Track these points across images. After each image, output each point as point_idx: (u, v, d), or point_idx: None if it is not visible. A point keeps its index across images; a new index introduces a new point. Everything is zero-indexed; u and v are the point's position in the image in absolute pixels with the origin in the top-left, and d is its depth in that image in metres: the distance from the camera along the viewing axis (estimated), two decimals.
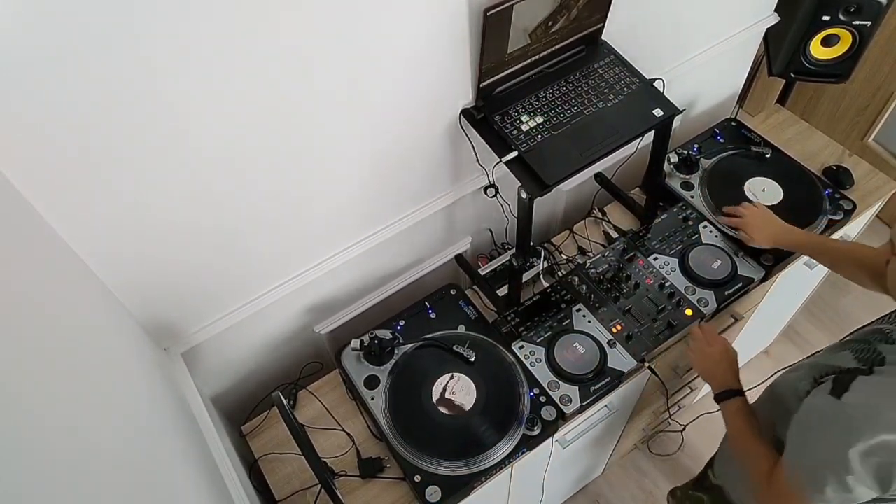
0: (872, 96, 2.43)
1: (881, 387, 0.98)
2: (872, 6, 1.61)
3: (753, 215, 1.49)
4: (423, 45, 1.11)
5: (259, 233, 1.20)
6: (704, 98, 1.94)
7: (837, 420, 0.98)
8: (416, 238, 1.51)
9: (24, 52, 0.75)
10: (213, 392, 1.46)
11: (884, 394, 0.97)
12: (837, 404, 0.99)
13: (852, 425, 0.96)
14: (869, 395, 0.97)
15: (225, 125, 0.98)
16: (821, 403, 1.02)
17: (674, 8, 1.50)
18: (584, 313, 1.43)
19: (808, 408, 1.05)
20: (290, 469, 1.34)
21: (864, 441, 0.95)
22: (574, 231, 1.67)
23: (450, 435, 1.27)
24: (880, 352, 1.03)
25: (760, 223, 1.47)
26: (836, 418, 0.99)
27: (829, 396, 1.01)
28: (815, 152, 1.82)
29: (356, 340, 1.36)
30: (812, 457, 1.02)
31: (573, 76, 1.31)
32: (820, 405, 1.02)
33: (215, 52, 0.89)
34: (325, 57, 1.01)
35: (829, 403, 1.01)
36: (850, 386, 0.99)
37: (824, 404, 1.01)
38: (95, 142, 0.88)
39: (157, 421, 0.97)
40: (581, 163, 1.21)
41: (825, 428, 1.00)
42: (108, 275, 1.05)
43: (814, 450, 1.02)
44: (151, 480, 0.82)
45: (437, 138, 1.30)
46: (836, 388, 1.01)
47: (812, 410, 1.04)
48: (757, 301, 1.69)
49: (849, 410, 0.97)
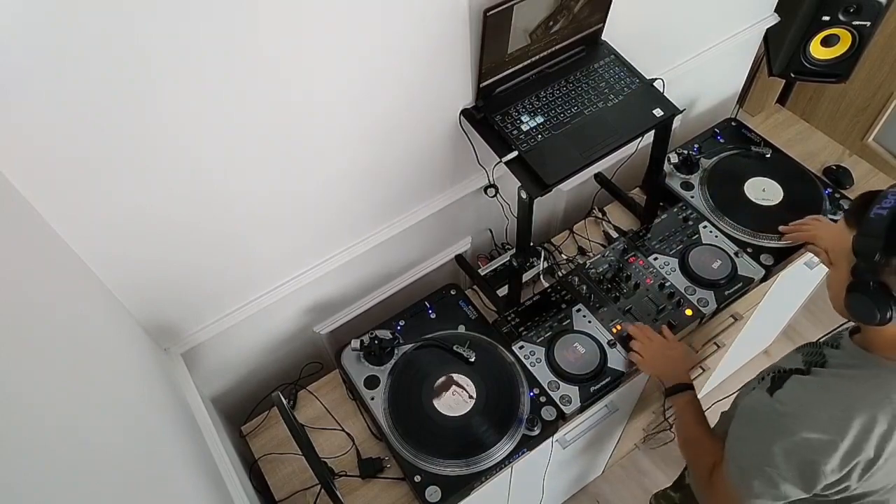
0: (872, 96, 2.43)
1: (812, 386, 0.99)
2: (872, 6, 1.61)
3: (820, 227, 1.45)
4: (424, 45, 1.11)
5: (259, 233, 1.20)
6: (704, 98, 1.94)
7: (766, 416, 1.00)
8: (416, 238, 1.51)
9: (25, 52, 0.75)
10: (213, 392, 1.46)
11: (813, 393, 0.98)
12: (769, 401, 1.01)
13: (778, 421, 0.98)
14: (798, 393, 0.99)
15: (225, 125, 0.98)
16: (755, 399, 1.04)
17: (673, 8, 1.50)
18: (584, 313, 1.43)
19: (744, 404, 1.07)
20: (290, 469, 1.34)
21: (787, 437, 0.96)
22: (574, 231, 1.67)
23: (450, 435, 1.27)
24: (825, 355, 1.05)
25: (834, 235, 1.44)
26: (765, 414, 1.00)
27: (764, 393, 1.03)
28: (815, 152, 1.82)
29: (356, 340, 1.36)
30: (742, 452, 1.04)
31: (573, 76, 1.31)
32: (754, 401, 1.04)
33: (214, 53, 0.89)
34: (325, 57, 1.01)
35: (762, 399, 1.02)
36: (784, 384, 1.01)
37: (758, 400, 1.03)
38: (95, 142, 0.88)
39: (156, 421, 0.97)
40: (581, 163, 1.21)
41: (755, 423, 1.02)
42: (108, 275, 1.05)
43: (744, 445, 1.03)
44: (151, 481, 0.82)
45: (437, 138, 1.30)
46: (772, 385, 1.03)
47: (746, 406, 1.05)
48: (757, 301, 1.69)
49: (777, 406, 0.99)
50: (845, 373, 0.99)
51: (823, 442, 0.95)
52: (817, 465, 0.96)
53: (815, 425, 0.95)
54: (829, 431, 0.95)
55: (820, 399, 0.97)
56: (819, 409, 0.96)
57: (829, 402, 0.97)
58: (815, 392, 0.98)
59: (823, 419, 0.95)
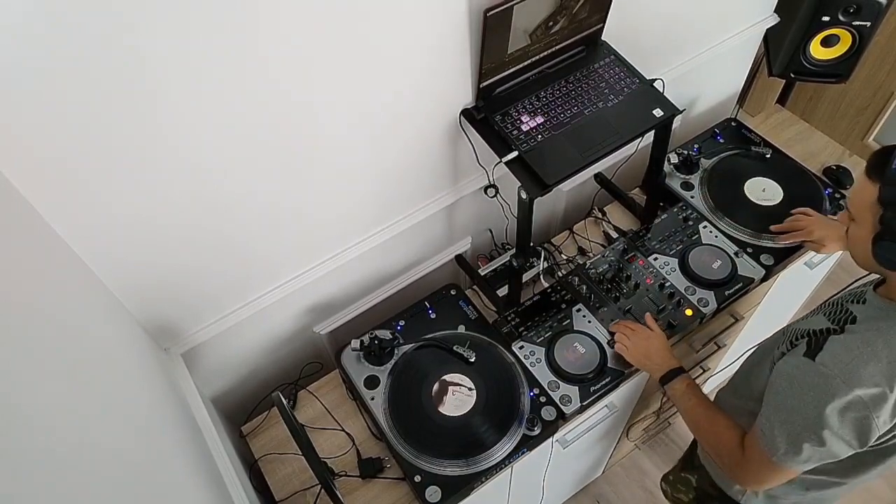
0: (872, 96, 2.43)
1: (852, 344, 1.00)
2: (872, 6, 1.61)
3: (814, 223, 1.47)
4: (424, 45, 1.11)
5: (259, 234, 1.20)
6: (704, 98, 1.94)
7: (813, 380, 1.00)
8: (416, 238, 1.51)
9: (26, 52, 0.75)
10: (213, 392, 1.46)
11: (855, 351, 0.99)
12: (812, 365, 1.01)
13: (828, 384, 0.99)
14: (842, 353, 1.00)
15: (224, 127, 0.98)
16: (795, 364, 1.04)
17: (674, 8, 1.50)
18: (584, 313, 1.43)
19: (781, 370, 1.06)
20: (290, 469, 1.34)
21: (840, 398, 0.98)
22: (574, 231, 1.67)
23: (450, 435, 1.27)
24: (851, 311, 1.06)
25: (828, 229, 1.45)
26: (812, 378, 1.01)
27: (804, 358, 1.03)
28: (815, 152, 1.82)
29: (356, 340, 1.36)
30: (789, 418, 1.04)
31: (573, 76, 1.31)
32: (794, 366, 1.04)
33: (214, 57, 0.89)
34: (325, 58, 1.01)
35: (803, 364, 1.03)
36: (824, 346, 1.02)
37: (798, 365, 1.03)
38: (96, 143, 0.88)
39: (157, 421, 0.97)
40: (581, 163, 1.21)
41: (801, 388, 1.02)
42: (108, 275, 1.05)
43: (790, 411, 1.03)
44: (151, 480, 0.82)
45: (438, 138, 1.30)
46: (810, 349, 1.03)
47: (786, 373, 1.05)
48: (757, 301, 1.69)
49: (823, 370, 1.00)
50: (880, 325, 1.01)
51: (874, 396, 0.97)
52: (870, 419, 0.98)
53: (864, 381, 0.97)
54: (879, 384, 0.97)
55: (863, 354, 0.99)
56: (865, 365, 0.98)
57: (873, 355, 0.98)
58: (858, 348, 0.99)
59: (871, 373, 0.97)
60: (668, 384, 1.28)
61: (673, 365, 1.29)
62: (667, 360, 1.30)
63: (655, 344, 1.32)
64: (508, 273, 1.49)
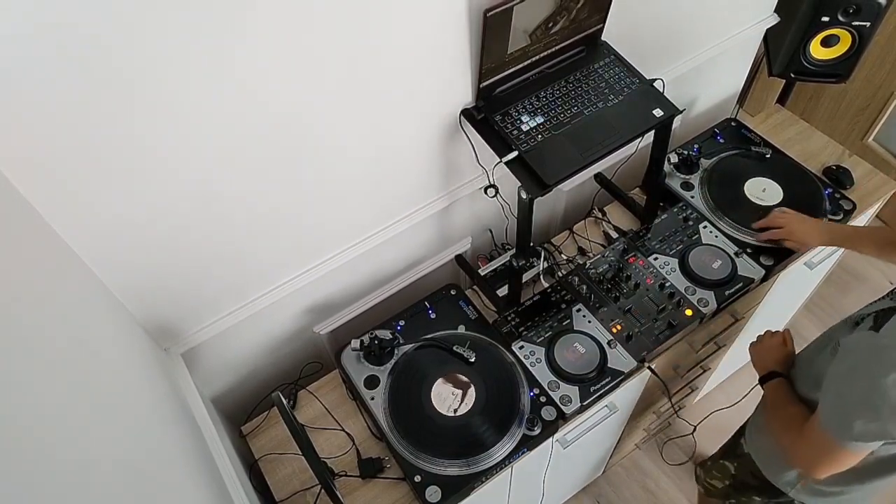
0: (872, 96, 2.43)
1: None
2: (872, 6, 1.61)
3: (791, 221, 1.47)
4: (424, 45, 1.11)
5: (259, 234, 1.20)
6: (704, 98, 1.94)
7: (871, 352, 0.99)
8: (416, 238, 1.51)
9: (26, 52, 0.75)
10: (213, 392, 1.46)
11: None
12: (874, 336, 1.00)
13: (888, 355, 0.96)
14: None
15: (225, 126, 0.98)
16: (856, 339, 1.03)
17: (674, 8, 1.50)
18: (584, 313, 1.43)
19: (844, 345, 1.05)
20: (290, 469, 1.34)
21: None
22: (574, 231, 1.67)
23: (450, 435, 1.27)
24: None
25: (804, 226, 1.46)
26: (871, 351, 0.99)
27: (868, 332, 1.02)
28: (815, 152, 1.82)
29: (356, 340, 1.36)
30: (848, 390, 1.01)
31: (573, 76, 1.31)
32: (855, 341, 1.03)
33: (215, 56, 0.89)
34: (325, 58, 1.01)
35: (865, 337, 1.02)
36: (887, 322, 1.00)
37: (860, 339, 1.02)
38: (96, 144, 0.88)
39: (156, 421, 0.97)
40: (581, 163, 1.21)
41: (860, 362, 1.00)
42: (107, 275, 1.05)
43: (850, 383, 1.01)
44: (151, 480, 0.82)
45: (437, 138, 1.30)
46: (875, 324, 1.02)
47: (847, 347, 1.04)
48: (757, 301, 1.69)
49: (884, 341, 0.97)
50: None
51: None
52: None
53: None
54: None
55: None
56: None
57: None
58: None
59: None
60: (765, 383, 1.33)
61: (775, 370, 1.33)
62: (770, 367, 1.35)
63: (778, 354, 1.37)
64: (508, 273, 1.49)
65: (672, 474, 2.25)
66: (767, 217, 1.52)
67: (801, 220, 1.48)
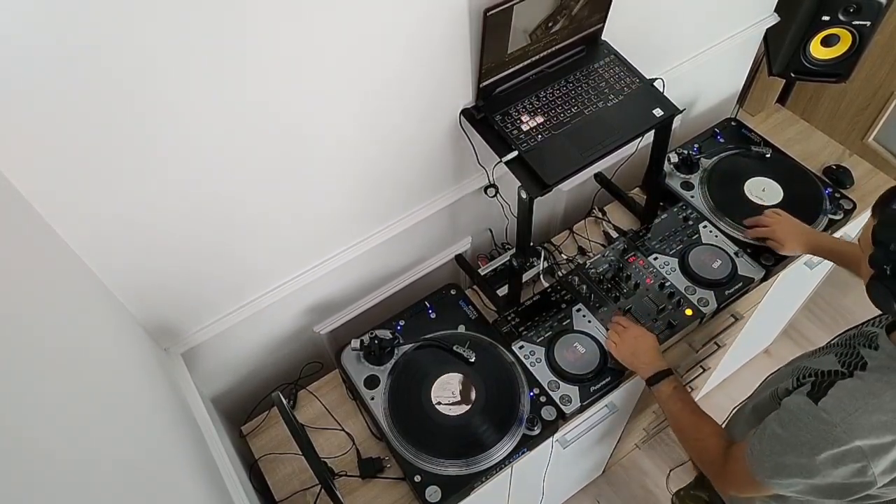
0: (872, 96, 2.43)
1: (858, 391, 0.98)
2: (872, 6, 1.61)
3: (780, 223, 1.48)
4: (424, 45, 1.11)
5: (259, 234, 1.20)
6: (704, 98, 1.94)
7: (813, 424, 0.98)
8: (416, 238, 1.51)
9: (27, 52, 0.75)
10: (213, 392, 1.46)
11: (860, 400, 0.97)
12: (814, 409, 0.99)
13: (829, 431, 0.96)
14: (846, 401, 0.98)
15: (225, 126, 0.98)
16: (797, 404, 1.02)
17: (674, 8, 1.50)
18: (584, 313, 1.43)
19: (787, 405, 1.05)
20: (290, 469, 1.34)
21: (838, 447, 0.95)
22: (574, 231, 1.67)
23: (450, 435, 1.27)
24: (862, 356, 1.03)
25: (789, 230, 1.46)
26: (812, 422, 0.99)
27: (807, 398, 1.01)
28: (815, 152, 1.82)
29: (356, 340, 1.36)
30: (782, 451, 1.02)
31: (573, 76, 1.31)
32: (797, 405, 1.02)
33: (214, 59, 0.89)
34: (324, 58, 1.01)
35: (806, 406, 1.01)
36: (829, 392, 1.00)
37: (801, 405, 1.02)
38: (96, 144, 0.88)
39: (157, 421, 0.97)
40: (581, 163, 1.21)
41: (799, 429, 1.00)
42: (108, 276, 1.05)
43: (786, 446, 1.02)
44: (151, 480, 0.82)
45: (437, 138, 1.30)
46: (815, 391, 1.01)
47: (789, 409, 1.03)
48: (757, 301, 1.69)
49: (824, 416, 0.97)
50: (891, 377, 0.98)
51: (874, 446, 0.95)
52: (867, 468, 0.95)
53: (865, 431, 0.95)
54: (881, 435, 0.94)
55: (868, 405, 0.96)
56: (869, 416, 0.95)
57: (878, 407, 0.96)
58: (863, 398, 0.97)
59: (874, 424, 0.95)
60: (654, 386, 1.28)
61: (661, 367, 1.29)
62: (654, 361, 1.30)
63: (644, 344, 1.32)
64: (508, 273, 1.49)
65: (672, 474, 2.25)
66: (759, 215, 1.52)
67: (790, 223, 1.48)
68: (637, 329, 1.35)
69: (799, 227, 1.47)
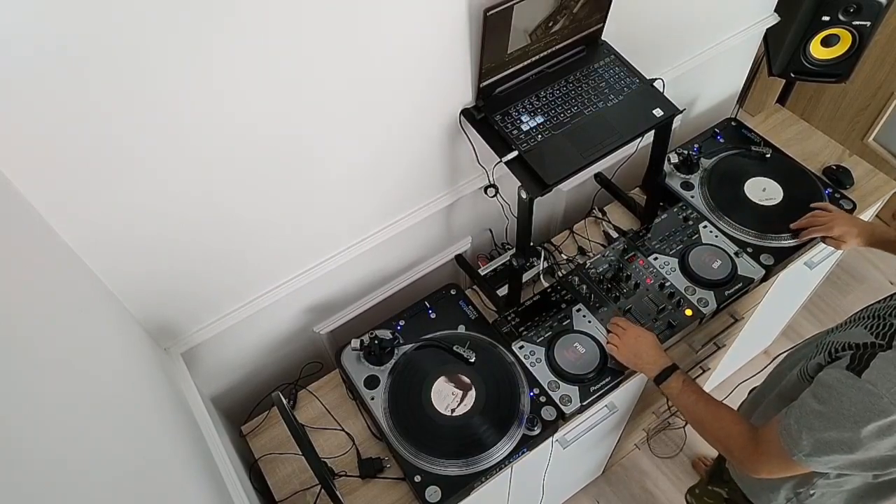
0: (872, 96, 2.43)
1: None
2: (872, 6, 1.61)
3: (834, 219, 1.46)
4: (424, 45, 1.11)
5: (259, 234, 1.20)
6: (704, 98, 1.94)
7: (858, 396, 0.97)
8: (416, 238, 1.51)
9: (26, 52, 0.75)
10: (213, 392, 1.46)
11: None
12: (857, 381, 0.98)
13: (875, 403, 0.95)
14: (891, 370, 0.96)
15: (224, 127, 0.98)
16: (838, 377, 1.01)
17: (674, 8, 1.50)
18: (584, 313, 1.43)
19: (823, 381, 1.03)
20: (290, 469, 1.34)
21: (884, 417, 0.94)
22: (574, 231, 1.67)
23: (450, 435, 1.27)
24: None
25: (847, 225, 1.44)
26: (857, 395, 0.97)
27: (847, 371, 1.00)
28: (815, 152, 1.82)
29: (356, 340, 1.36)
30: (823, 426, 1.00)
31: (573, 76, 1.31)
32: (837, 379, 1.01)
33: (215, 59, 0.89)
34: (324, 58, 1.01)
35: (847, 379, 0.99)
36: (871, 363, 0.98)
37: (842, 379, 1.00)
38: (96, 144, 0.88)
39: (157, 421, 0.97)
40: (581, 163, 1.21)
41: (842, 402, 0.98)
42: (107, 275, 1.05)
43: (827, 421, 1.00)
44: (151, 480, 0.82)
45: (437, 138, 1.30)
46: (855, 364, 1.00)
47: (828, 384, 1.01)
48: (757, 301, 1.69)
49: (871, 388, 0.96)
50: None
51: None
52: None
53: None
54: None
55: None
56: None
57: None
58: None
59: None
60: (663, 383, 1.27)
61: (665, 363, 1.28)
62: (658, 359, 1.29)
63: (645, 343, 1.31)
64: (508, 273, 1.49)
65: (672, 474, 2.25)
66: (808, 215, 1.51)
67: (844, 218, 1.46)
68: (636, 329, 1.34)
69: (854, 220, 1.46)
